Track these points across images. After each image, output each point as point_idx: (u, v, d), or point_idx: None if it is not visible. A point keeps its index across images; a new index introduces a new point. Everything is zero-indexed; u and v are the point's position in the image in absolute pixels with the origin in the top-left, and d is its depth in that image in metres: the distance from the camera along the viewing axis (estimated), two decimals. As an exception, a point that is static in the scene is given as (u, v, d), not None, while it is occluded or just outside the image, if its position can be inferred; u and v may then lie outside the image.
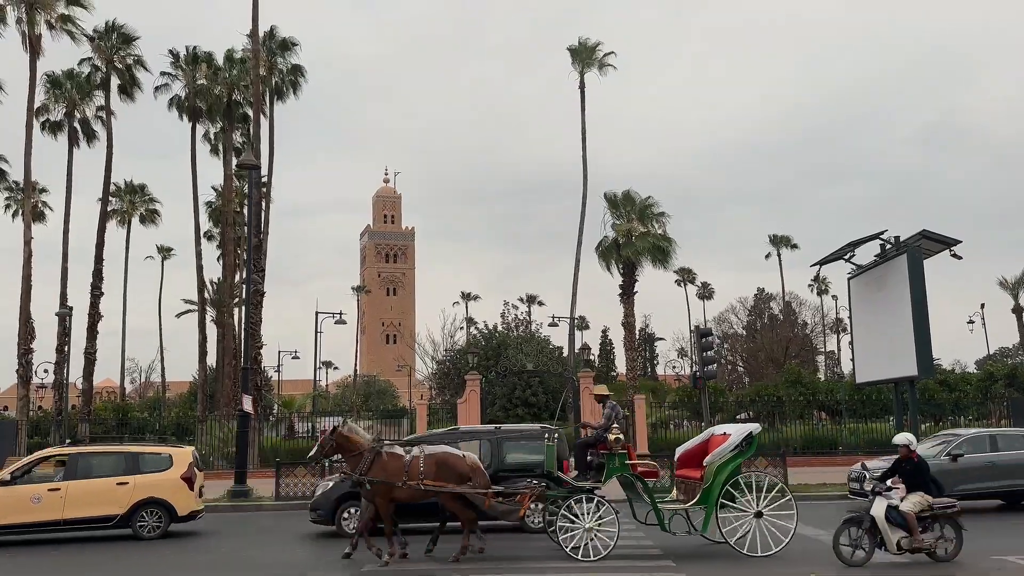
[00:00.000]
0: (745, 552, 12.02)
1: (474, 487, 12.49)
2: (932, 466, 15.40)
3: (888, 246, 25.19)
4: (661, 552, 12.97)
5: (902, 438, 12.34)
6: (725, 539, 12.19)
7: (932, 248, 24.77)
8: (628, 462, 12.63)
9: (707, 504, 12.37)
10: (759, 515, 12.20)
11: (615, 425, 12.85)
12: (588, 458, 13.04)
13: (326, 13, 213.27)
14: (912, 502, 11.60)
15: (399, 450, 12.86)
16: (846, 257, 27.01)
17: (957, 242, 24.37)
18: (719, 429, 13.44)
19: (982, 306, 62.32)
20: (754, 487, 12.45)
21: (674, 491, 13.68)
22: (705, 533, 12.73)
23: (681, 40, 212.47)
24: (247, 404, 21.96)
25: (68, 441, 29.35)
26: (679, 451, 13.99)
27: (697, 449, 13.40)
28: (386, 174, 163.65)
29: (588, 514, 12.07)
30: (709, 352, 24.99)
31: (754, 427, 12.99)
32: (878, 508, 11.48)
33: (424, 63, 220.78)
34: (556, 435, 14.36)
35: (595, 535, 12.06)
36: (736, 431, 12.84)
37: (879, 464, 17.27)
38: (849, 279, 28.13)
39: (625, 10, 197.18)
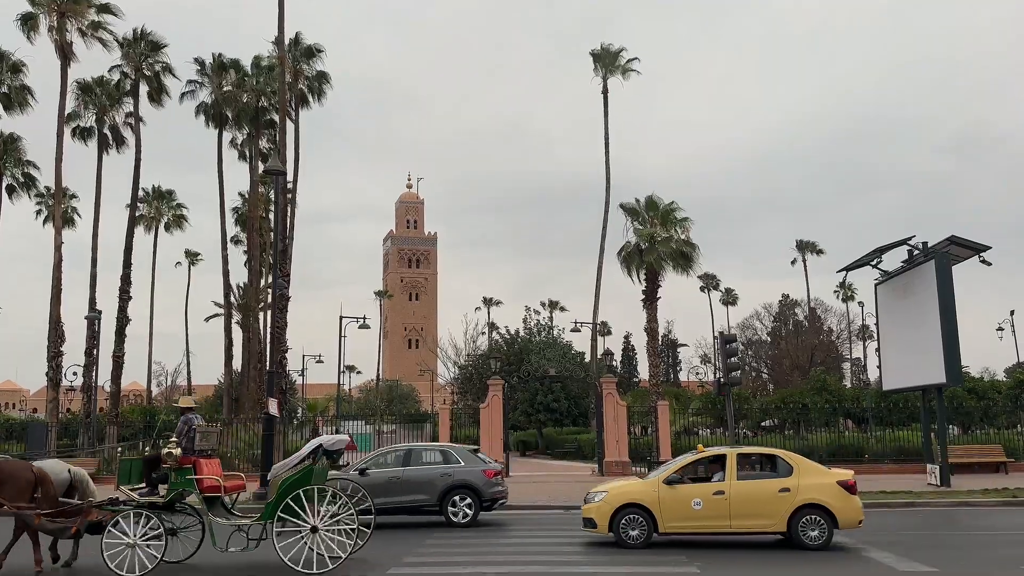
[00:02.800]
0: (299, 568, 11.49)
1: (39, 499, 12.02)
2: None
3: (916, 252, 24.91)
4: (686, 559, 12.91)
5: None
6: (278, 554, 11.55)
7: (961, 254, 24.47)
8: (195, 477, 12.15)
9: (270, 518, 11.88)
10: (314, 530, 11.69)
11: (174, 439, 12.44)
12: (152, 474, 12.61)
13: (351, 22, 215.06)
14: None
15: None
16: (873, 263, 26.75)
17: (986, 248, 24.06)
18: (318, 439, 12.75)
19: (1011, 313, 61.38)
20: (317, 501, 11.88)
21: None
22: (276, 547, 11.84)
23: (708, 48, 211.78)
24: (272, 407, 22.14)
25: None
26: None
27: None
28: (409, 179, 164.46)
29: (135, 530, 11.79)
30: (733, 359, 24.82)
31: (325, 439, 12.54)
32: None
33: (449, 71, 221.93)
34: None
35: (139, 550, 11.70)
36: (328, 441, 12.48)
37: None
38: (876, 285, 27.85)
39: (652, 18, 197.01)
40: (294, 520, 11.72)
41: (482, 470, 18.04)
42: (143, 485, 12.68)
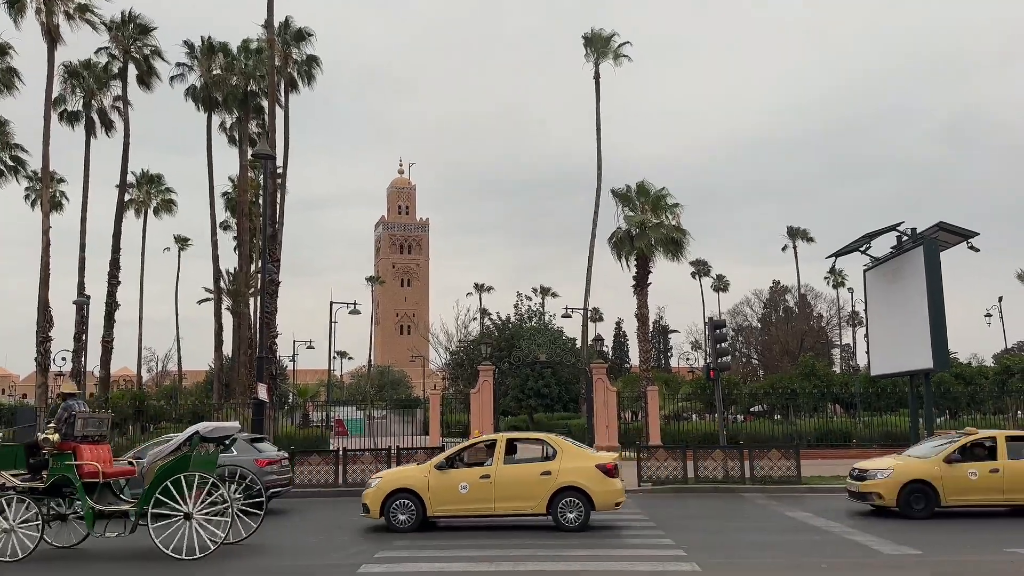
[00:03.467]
0: (169, 552, 11.64)
1: None
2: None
3: (904, 238, 24.96)
4: (673, 542, 12.99)
5: None
6: (152, 539, 11.70)
7: (949, 240, 24.53)
8: (75, 463, 12.21)
9: (146, 505, 12.01)
10: (188, 517, 11.86)
11: (52, 425, 12.57)
12: (30, 459, 12.67)
13: (342, 5, 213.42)
14: None
15: None
16: (862, 249, 26.78)
17: (974, 234, 24.12)
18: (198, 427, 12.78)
19: (1000, 299, 61.81)
20: (194, 488, 12.02)
21: None
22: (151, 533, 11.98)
23: (701, 32, 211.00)
24: (262, 392, 22.13)
25: None
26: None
27: None
28: (401, 165, 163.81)
29: (12, 514, 11.98)
30: (723, 344, 24.90)
31: (201, 426, 12.65)
32: None
33: (441, 57, 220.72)
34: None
35: (16, 535, 11.90)
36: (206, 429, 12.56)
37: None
38: (865, 271, 27.92)
39: (646, 3, 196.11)
40: (172, 506, 11.88)
41: (255, 459, 17.65)
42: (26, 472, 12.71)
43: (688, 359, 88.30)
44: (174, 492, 11.88)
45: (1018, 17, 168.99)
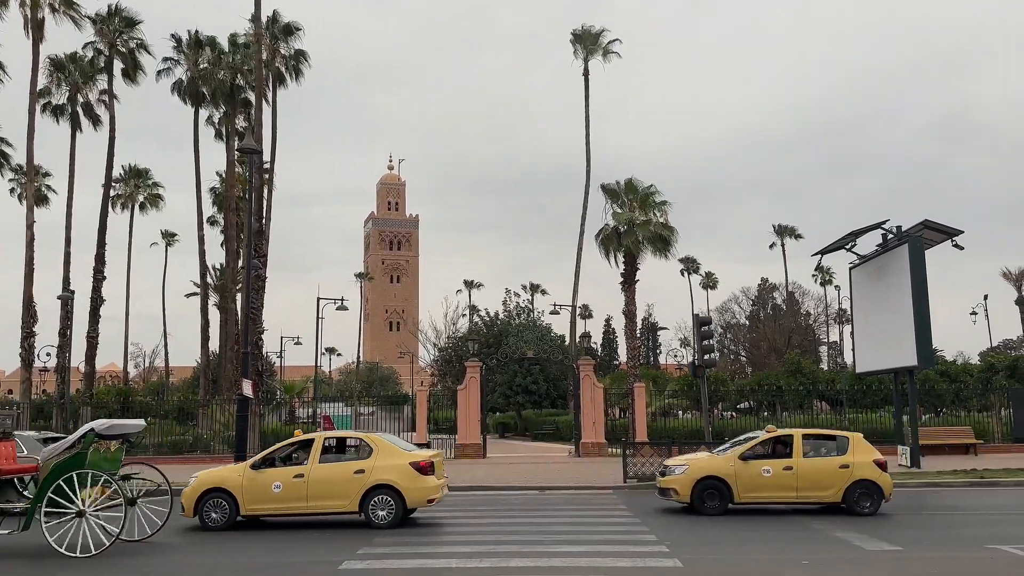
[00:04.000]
0: (63, 551, 11.56)
1: None
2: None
3: (890, 236, 25.12)
4: (656, 539, 13.00)
5: None
6: (45, 536, 11.59)
7: (934, 238, 24.70)
8: None
9: (39, 502, 11.92)
10: (81, 514, 11.84)
11: None
12: None
13: (333, 1, 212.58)
14: None
15: None
16: (848, 247, 26.94)
17: (959, 232, 24.30)
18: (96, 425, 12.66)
19: (985, 297, 62.30)
20: (89, 486, 12.02)
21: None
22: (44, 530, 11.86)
23: (693, 31, 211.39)
24: (247, 388, 22.01)
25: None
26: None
27: None
28: (390, 161, 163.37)
29: None
30: (708, 341, 24.95)
31: (97, 423, 12.59)
32: None
33: (432, 53, 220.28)
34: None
35: None
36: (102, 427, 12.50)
37: None
38: (851, 269, 28.08)
39: (637, 1, 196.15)
40: (64, 504, 11.83)
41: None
42: None
43: (676, 356, 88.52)
44: (67, 490, 11.80)
45: (1008, 18, 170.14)
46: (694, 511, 15.83)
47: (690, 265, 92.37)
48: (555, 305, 50.71)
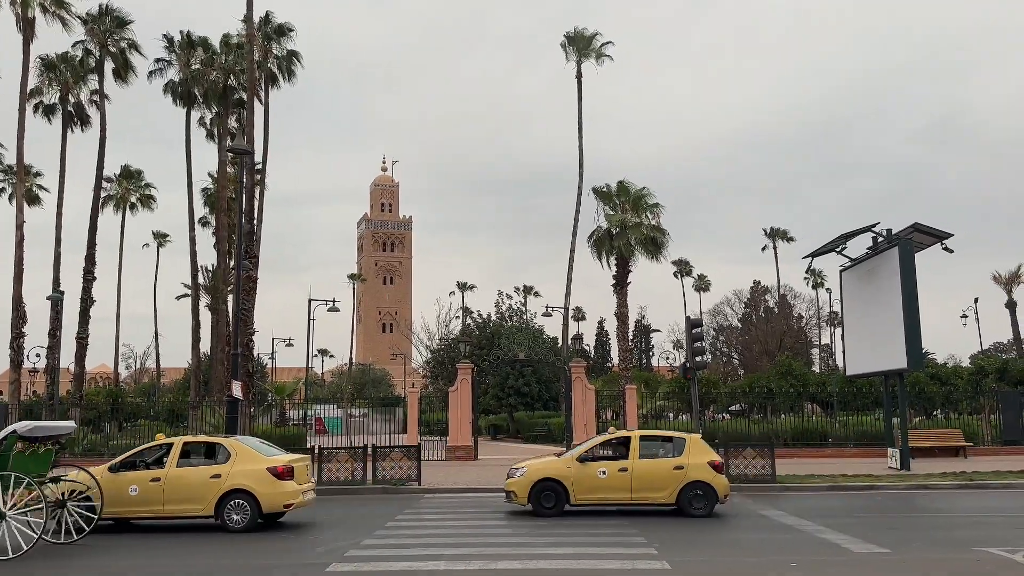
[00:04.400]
0: None
1: None
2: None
3: (880, 239, 25.18)
4: (645, 540, 12.99)
5: None
6: None
7: (924, 241, 24.77)
8: None
9: None
10: (2, 516, 11.93)
11: None
12: None
13: (326, 2, 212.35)
14: None
15: None
16: (838, 249, 26.99)
17: (948, 235, 24.37)
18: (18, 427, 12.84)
19: (975, 300, 62.54)
20: (13, 488, 12.09)
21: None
22: None
23: (686, 34, 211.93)
24: (236, 390, 21.93)
25: None
26: None
27: None
28: (384, 162, 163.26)
29: None
30: (699, 343, 24.95)
31: (19, 425, 12.65)
32: None
33: (427, 54, 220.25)
34: None
35: None
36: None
37: None
38: (841, 272, 28.13)
39: (630, 3, 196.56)
40: None
41: None
42: None
43: (668, 358, 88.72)
44: None
45: (1001, 21, 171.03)
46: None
47: (683, 267, 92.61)
48: (548, 307, 50.71)
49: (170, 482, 14.51)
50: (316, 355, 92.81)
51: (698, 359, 24.76)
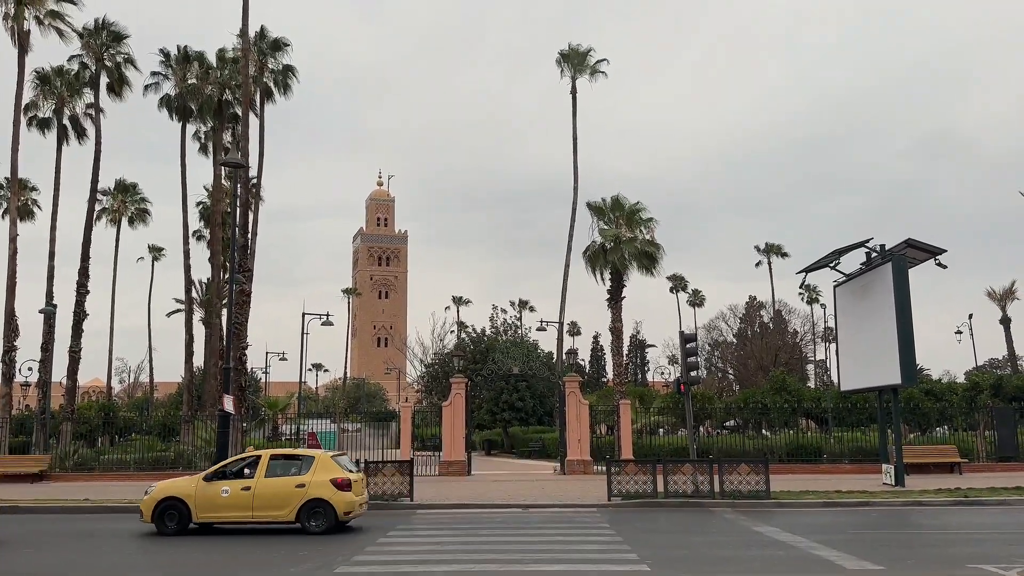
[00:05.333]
0: None
1: None
2: None
3: (873, 254, 25.21)
4: (637, 557, 12.89)
5: None
6: None
7: (917, 257, 24.80)
8: None
9: None
10: None
11: None
12: None
13: (323, 16, 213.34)
14: None
15: None
16: (831, 265, 27.01)
17: (942, 251, 24.40)
18: None
19: (970, 316, 62.67)
20: None
21: None
22: None
23: (678, 49, 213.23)
24: (228, 404, 21.83)
25: None
26: None
27: None
28: (380, 177, 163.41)
29: None
30: (692, 358, 24.92)
31: None
32: None
33: (421, 69, 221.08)
34: None
35: None
36: None
37: None
38: (835, 287, 28.14)
39: (623, 19, 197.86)
40: None
41: None
42: None
43: (662, 373, 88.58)
44: None
45: (991, 38, 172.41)
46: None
47: (678, 283, 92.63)
48: (542, 322, 50.61)
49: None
50: (310, 369, 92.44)
51: (692, 374, 24.73)
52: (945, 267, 24.56)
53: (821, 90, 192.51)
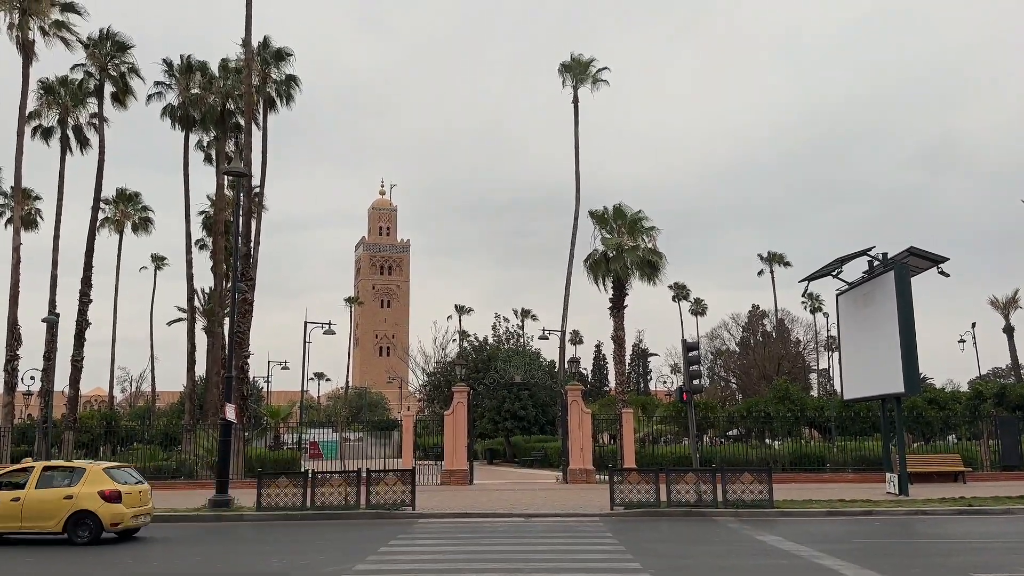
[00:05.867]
0: None
1: None
2: None
3: (876, 263, 25.19)
4: (640, 566, 12.84)
5: None
6: None
7: (920, 265, 24.76)
8: None
9: None
10: None
11: None
12: None
13: (326, 26, 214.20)
14: None
15: None
16: (834, 273, 26.99)
17: (944, 259, 24.36)
18: None
19: (973, 325, 62.49)
20: None
21: None
22: None
23: (680, 58, 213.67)
24: (229, 413, 21.79)
25: None
26: None
27: None
28: (382, 186, 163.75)
29: None
30: (696, 366, 24.87)
31: None
32: None
33: (423, 78, 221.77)
34: None
35: None
36: None
37: None
38: (838, 295, 28.11)
39: (625, 28, 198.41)
40: None
41: None
42: None
43: (666, 382, 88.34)
44: None
45: (992, 47, 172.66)
46: None
47: (680, 291, 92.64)
48: (544, 330, 50.63)
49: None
50: (312, 378, 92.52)
51: (695, 382, 24.69)
52: (948, 275, 24.51)
53: (825, 99, 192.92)
